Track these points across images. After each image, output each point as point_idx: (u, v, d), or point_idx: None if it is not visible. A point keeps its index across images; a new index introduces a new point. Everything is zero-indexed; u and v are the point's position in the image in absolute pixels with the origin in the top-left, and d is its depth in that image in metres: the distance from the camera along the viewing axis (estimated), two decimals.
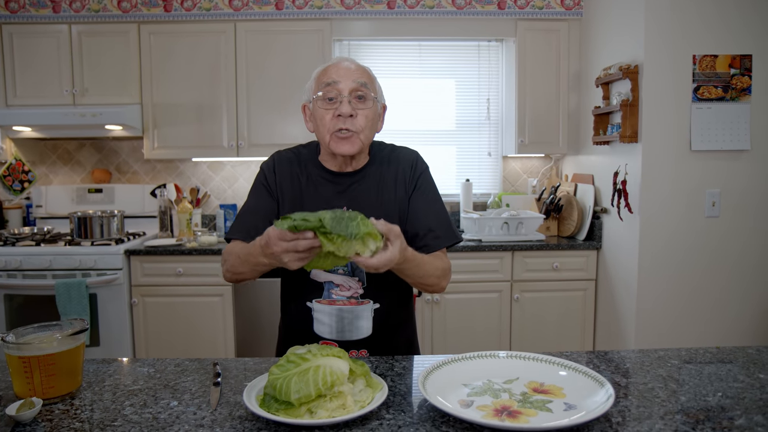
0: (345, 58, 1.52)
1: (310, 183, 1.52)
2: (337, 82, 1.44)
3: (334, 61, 1.51)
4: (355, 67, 1.48)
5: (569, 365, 1.21)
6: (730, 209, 2.95)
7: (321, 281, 1.50)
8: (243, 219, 1.52)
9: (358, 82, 1.45)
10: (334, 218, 1.07)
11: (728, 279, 2.98)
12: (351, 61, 1.50)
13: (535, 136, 3.71)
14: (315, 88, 1.49)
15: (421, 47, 3.98)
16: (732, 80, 2.88)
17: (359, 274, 1.49)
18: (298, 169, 1.54)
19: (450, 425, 1.01)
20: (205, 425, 1.02)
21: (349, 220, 1.08)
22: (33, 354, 1.10)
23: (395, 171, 1.54)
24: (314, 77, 1.52)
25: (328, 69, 1.48)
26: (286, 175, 1.53)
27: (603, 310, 3.39)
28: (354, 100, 1.45)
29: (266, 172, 1.55)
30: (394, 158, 1.57)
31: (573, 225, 3.55)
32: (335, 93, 1.44)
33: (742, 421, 1.02)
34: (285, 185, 1.52)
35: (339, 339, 1.49)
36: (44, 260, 3.20)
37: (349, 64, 1.48)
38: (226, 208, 3.85)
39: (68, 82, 3.56)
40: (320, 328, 1.50)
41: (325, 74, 1.47)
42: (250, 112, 3.62)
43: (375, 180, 1.52)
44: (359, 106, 1.45)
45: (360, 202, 1.49)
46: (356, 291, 1.50)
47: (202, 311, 3.34)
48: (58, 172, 4.03)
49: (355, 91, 1.44)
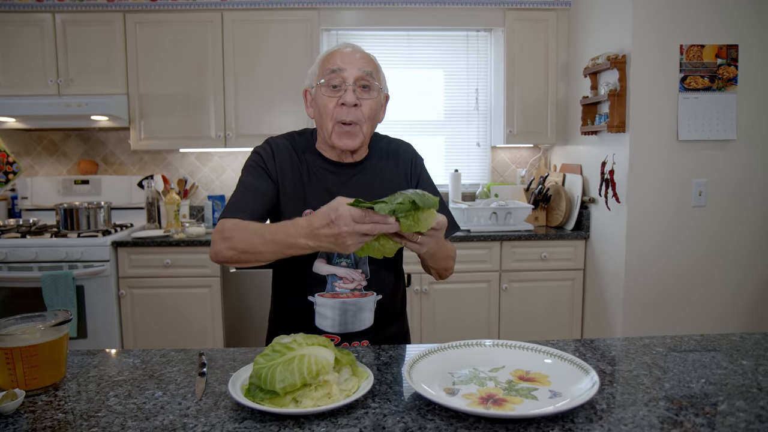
0: (351, 44, 1.47)
1: (312, 174, 1.48)
2: (342, 70, 1.40)
3: (339, 46, 1.46)
4: (361, 54, 1.44)
5: (555, 353, 1.21)
6: (717, 199, 2.97)
7: (323, 274, 1.47)
8: (243, 198, 1.41)
9: (363, 71, 1.41)
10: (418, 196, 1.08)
11: (714, 268, 3.01)
12: (357, 48, 1.46)
13: (524, 126, 3.72)
14: (319, 74, 1.45)
15: (409, 37, 3.96)
16: (719, 70, 2.89)
17: (362, 266, 1.48)
18: (296, 157, 1.49)
19: (435, 413, 1.01)
20: (190, 415, 1.01)
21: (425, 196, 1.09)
22: (15, 345, 1.08)
23: (395, 164, 1.54)
24: (318, 62, 1.47)
25: (333, 55, 1.43)
26: (286, 163, 1.47)
27: (591, 300, 3.41)
28: (359, 89, 1.41)
29: (264, 156, 1.47)
30: (392, 151, 1.56)
31: (561, 215, 3.56)
32: (340, 81, 1.40)
33: (724, 407, 1.03)
34: (286, 174, 1.46)
35: (342, 332, 1.48)
36: (30, 252, 3.17)
37: (355, 52, 1.44)
38: (214, 199, 3.83)
39: (53, 71, 3.51)
40: (322, 322, 1.48)
41: (330, 60, 1.42)
42: (237, 102, 3.59)
43: (376, 172, 1.52)
44: (364, 96, 1.42)
45: (363, 193, 1.46)
46: (359, 283, 1.48)
47: (190, 303, 3.33)
48: (43, 163, 3.99)
49: (360, 79, 1.41)
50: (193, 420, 0.99)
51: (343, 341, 1.49)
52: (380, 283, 1.51)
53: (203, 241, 3.28)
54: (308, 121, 3.61)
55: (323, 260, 1.47)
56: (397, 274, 1.59)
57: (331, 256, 1.47)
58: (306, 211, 1.45)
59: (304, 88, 1.52)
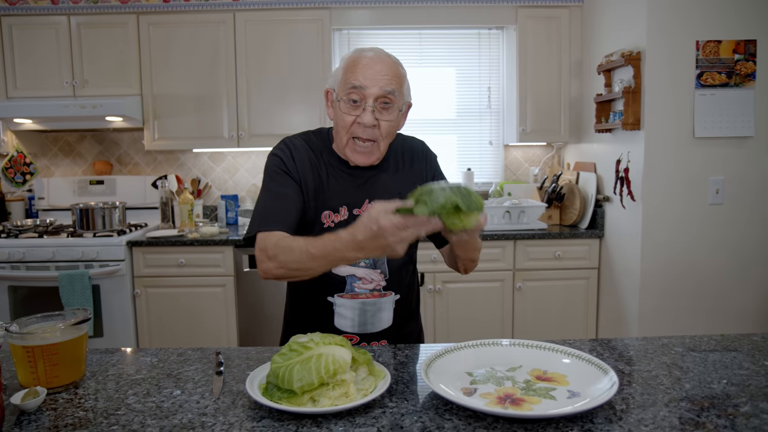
0: (378, 54, 1.40)
1: (330, 175, 1.46)
2: (363, 88, 1.36)
3: (366, 56, 1.39)
4: (386, 69, 1.38)
5: (572, 353, 1.20)
6: (734, 196, 2.93)
7: (343, 275, 1.47)
8: (274, 208, 1.38)
9: (385, 90, 1.36)
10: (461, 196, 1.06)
11: (732, 266, 2.97)
12: (383, 59, 1.40)
13: (537, 124, 3.70)
14: (341, 83, 1.40)
15: (421, 36, 3.95)
16: (736, 66, 2.85)
17: (381, 266, 1.49)
18: (315, 158, 1.47)
19: (453, 413, 1.01)
20: (208, 414, 1.02)
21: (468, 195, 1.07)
22: (36, 344, 1.10)
23: (410, 162, 1.54)
24: (342, 67, 1.42)
25: (357, 65, 1.38)
26: (306, 163, 1.45)
27: (606, 299, 3.39)
28: (378, 107, 1.37)
29: (284, 159, 1.45)
30: (407, 149, 1.56)
31: (575, 213, 3.54)
32: (360, 97, 1.37)
33: (747, 408, 1.02)
34: (307, 174, 1.44)
35: (361, 332, 1.49)
36: (47, 252, 3.21)
37: (380, 64, 1.38)
38: (227, 198, 3.85)
39: (68, 73, 3.54)
40: (341, 322, 1.49)
41: (354, 73, 1.37)
42: (250, 102, 3.60)
43: (392, 173, 1.51)
44: (383, 116, 1.38)
45: (380, 195, 1.47)
46: (379, 283, 1.49)
47: (204, 302, 3.35)
48: (59, 164, 4.03)
49: (381, 98, 1.37)
50: (211, 418, 1.00)
51: (361, 341, 1.50)
52: (398, 282, 1.52)
53: (217, 241, 3.30)
54: (321, 120, 3.62)
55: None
56: (413, 273, 1.60)
57: None
58: (325, 212, 1.44)
59: (326, 88, 1.48)
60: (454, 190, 1.07)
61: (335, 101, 1.42)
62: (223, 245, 3.30)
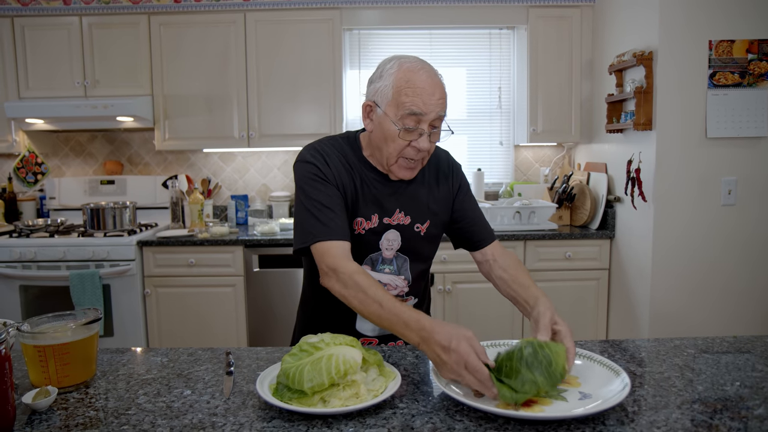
0: (430, 74, 1.35)
1: (364, 182, 1.44)
2: (423, 114, 1.32)
3: (420, 77, 1.33)
4: (440, 93, 1.35)
5: (585, 354, 1.20)
6: (747, 197, 2.90)
7: None
8: (326, 218, 1.34)
9: (440, 114, 1.35)
10: (548, 375, 1.02)
11: (745, 268, 2.94)
12: (437, 84, 1.35)
13: (548, 124, 3.68)
14: (392, 105, 1.34)
15: (431, 36, 3.95)
16: (749, 65, 2.82)
17: (404, 272, 1.50)
18: (347, 164, 1.44)
19: (464, 414, 1.00)
20: (219, 414, 1.02)
21: (551, 366, 1.03)
22: (48, 343, 1.10)
23: (435, 170, 1.55)
24: (393, 86, 1.34)
25: (413, 90, 1.32)
26: (339, 168, 1.42)
27: (616, 300, 3.36)
28: (430, 129, 1.35)
29: (319, 166, 1.40)
30: (433, 159, 1.56)
31: (586, 214, 3.52)
32: (415, 123, 1.33)
33: (761, 411, 1.01)
34: (343, 179, 1.41)
35: (381, 335, 1.52)
36: (58, 251, 3.23)
37: (436, 91, 1.34)
38: (237, 198, 3.86)
39: (79, 74, 3.57)
40: (364, 326, 1.51)
41: (410, 97, 1.31)
42: (260, 102, 3.61)
43: (421, 181, 1.51)
44: (434, 138, 1.38)
45: (411, 203, 1.48)
46: (402, 289, 1.50)
47: (214, 302, 3.36)
48: (70, 164, 4.05)
49: (435, 121, 1.35)
50: (221, 419, 1.00)
51: (380, 342, 1.52)
52: (417, 287, 1.55)
53: (227, 241, 3.31)
54: (331, 120, 3.61)
55: (368, 267, 1.48)
56: (427, 276, 1.63)
57: (375, 263, 1.48)
58: (357, 219, 1.44)
59: (366, 102, 1.41)
60: (538, 366, 1.03)
61: (384, 117, 1.36)
62: (233, 245, 3.31)
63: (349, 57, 3.94)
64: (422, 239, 1.50)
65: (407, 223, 1.47)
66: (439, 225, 1.54)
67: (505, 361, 1.04)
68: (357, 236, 1.44)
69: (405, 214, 1.47)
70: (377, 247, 1.46)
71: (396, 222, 1.46)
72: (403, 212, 1.47)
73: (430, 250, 1.56)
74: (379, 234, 1.46)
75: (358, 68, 3.94)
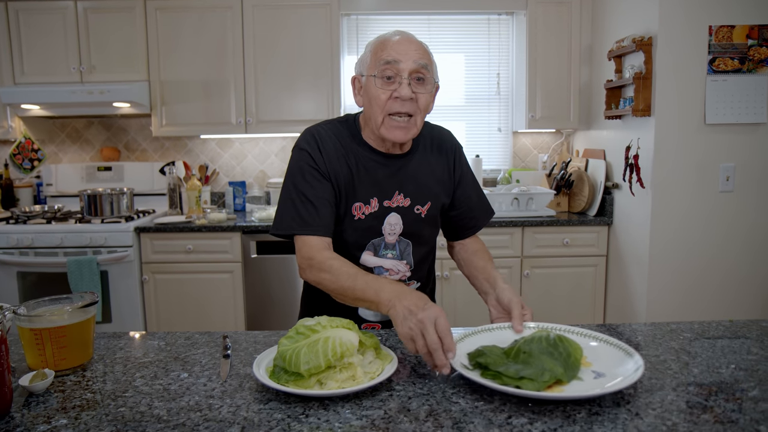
0: (405, 33, 1.40)
1: (360, 165, 1.43)
2: (397, 62, 1.34)
3: (393, 34, 1.39)
4: (416, 45, 1.37)
5: (600, 337, 1.19)
6: (745, 184, 2.90)
7: (371, 266, 1.47)
8: (311, 211, 1.37)
9: (419, 63, 1.35)
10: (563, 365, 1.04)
11: (742, 254, 2.95)
12: (412, 38, 1.39)
13: (546, 111, 3.67)
14: (371, 64, 1.38)
15: (430, 21, 3.92)
16: (749, 51, 2.81)
17: (407, 257, 1.50)
18: (343, 148, 1.43)
19: (461, 396, 1.01)
20: (215, 396, 1.02)
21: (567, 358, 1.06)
22: (44, 326, 1.10)
23: (438, 152, 1.54)
24: (371, 50, 1.40)
25: (387, 44, 1.36)
26: (333, 155, 1.41)
27: (614, 286, 3.37)
28: (414, 81, 1.35)
29: (312, 154, 1.40)
30: (435, 138, 1.55)
31: (584, 200, 3.52)
32: (394, 72, 1.34)
33: (755, 393, 1.01)
34: (336, 167, 1.41)
35: (383, 320, 1.51)
36: (55, 238, 3.22)
37: (410, 42, 1.37)
38: (234, 185, 3.85)
39: (75, 59, 3.54)
40: (367, 311, 1.50)
41: (385, 50, 1.36)
42: (258, 88, 3.59)
43: (421, 161, 1.50)
44: (419, 89, 1.36)
45: (410, 185, 1.47)
46: (405, 274, 1.50)
47: (212, 288, 3.36)
48: (67, 150, 4.04)
49: (415, 72, 1.35)
50: (218, 401, 1.00)
51: (383, 328, 1.51)
52: (420, 272, 1.55)
53: (224, 227, 3.30)
54: (329, 106, 3.60)
55: (371, 252, 1.47)
56: (432, 261, 1.62)
57: (378, 248, 1.47)
58: (356, 204, 1.43)
59: (353, 76, 1.46)
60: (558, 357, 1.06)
61: (367, 81, 1.39)
62: (230, 231, 3.31)
63: (347, 42, 3.91)
64: (423, 222, 1.49)
65: (407, 206, 1.46)
66: (439, 207, 1.53)
67: (523, 347, 1.08)
68: (357, 222, 1.43)
69: (404, 196, 1.46)
70: (379, 233, 1.46)
71: (396, 204, 1.45)
72: (402, 194, 1.46)
73: (431, 233, 1.55)
74: (380, 218, 1.45)
75: (356, 54, 3.92)
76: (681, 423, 0.90)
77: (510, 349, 1.09)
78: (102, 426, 0.92)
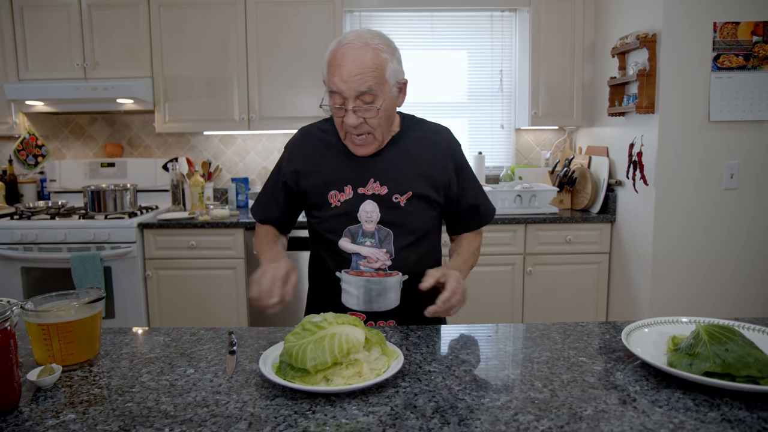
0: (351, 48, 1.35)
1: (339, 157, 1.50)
2: (341, 92, 1.35)
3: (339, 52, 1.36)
4: (358, 68, 1.33)
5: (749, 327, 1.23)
6: (750, 181, 2.90)
7: (349, 252, 1.48)
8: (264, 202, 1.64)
9: (361, 90, 1.34)
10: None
11: (746, 252, 2.95)
12: (355, 59, 1.34)
13: (549, 107, 3.66)
14: (326, 80, 1.40)
15: (433, 18, 3.91)
16: (754, 48, 2.80)
17: (387, 245, 1.48)
18: (324, 143, 1.53)
19: (467, 393, 1.01)
20: (222, 392, 1.02)
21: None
22: (51, 321, 1.11)
23: (428, 147, 1.53)
24: (325, 64, 1.40)
25: (332, 66, 1.36)
26: (313, 152, 1.53)
27: (617, 284, 3.37)
28: (361, 104, 1.36)
29: (288, 153, 1.58)
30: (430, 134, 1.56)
31: (587, 198, 3.51)
32: (340, 102, 1.37)
33: None
34: (315, 160, 1.52)
35: (366, 310, 1.50)
36: (59, 234, 3.23)
37: (354, 62, 1.33)
38: (237, 181, 3.85)
39: (79, 55, 3.54)
40: (347, 299, 1.50)
41: (331, 75, 1.36)
42: (261, 85, 3.59)
43: (402, 155, 1.50)
44: (367, 114, 1.38)
45: (387, 173, 1.48)
46: (384, 263, 1.48)
47: (215, 284, 3.36)
48: (71, 146, 4.04)
49: (359, 98, 1.36)
50: (225, 397, 1.00)
51: (368, 320, 1.50)
52: (404, 263, 1.50)
53: (227, 223, 3.31)
54: None
55: (348, 239, 1.48)
56: (428, 256, 1.57)
57: (355, 235, 1.48)
58: (331, 192, 1.48)
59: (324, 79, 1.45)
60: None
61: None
62: (233, 228, 3.31)
63: None
64: (404, 211, 1.48)
65: (383, 194, 1.47)
66: (427, 200, 1.50)
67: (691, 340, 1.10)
68: (333, 209, 1.48)
69: (380, 184, 1.47)
70: (356, 219, 1.47)
71: (371, 192, 1.47)
72: (378, 182, 1.47)
73: (417, 223, 1.50)
74: (355, 205, 1.47)
75: None
76: (688, 421, 0.90)
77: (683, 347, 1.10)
78: (110, 421, 0.92)
